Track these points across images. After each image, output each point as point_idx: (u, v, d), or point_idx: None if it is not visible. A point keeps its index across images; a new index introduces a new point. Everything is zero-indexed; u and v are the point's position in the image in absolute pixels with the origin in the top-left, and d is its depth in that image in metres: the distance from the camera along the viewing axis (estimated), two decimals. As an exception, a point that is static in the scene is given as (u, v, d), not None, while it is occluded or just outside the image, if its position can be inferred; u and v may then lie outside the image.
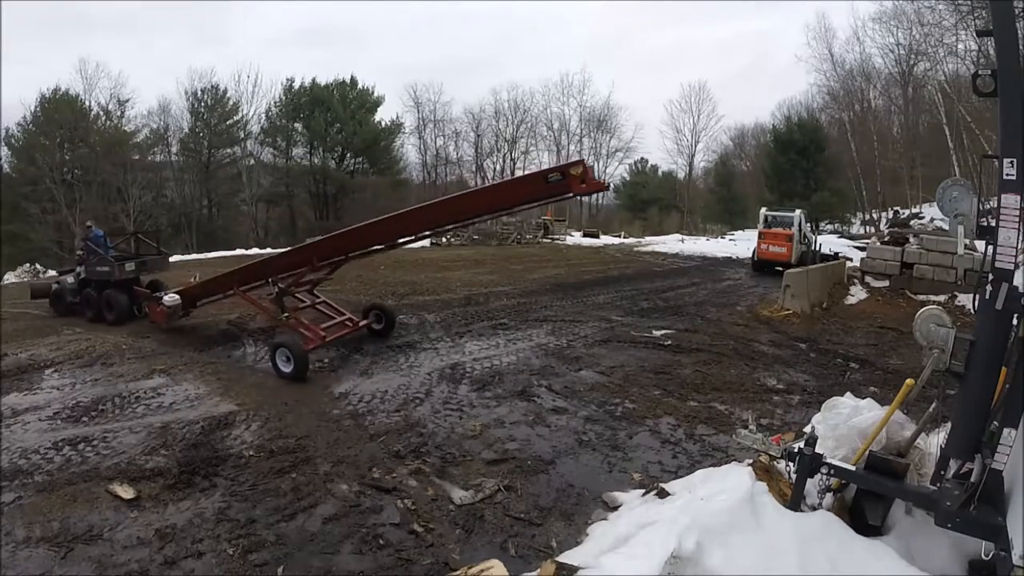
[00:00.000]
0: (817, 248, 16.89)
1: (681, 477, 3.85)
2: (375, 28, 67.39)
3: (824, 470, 3.09)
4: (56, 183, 33.74)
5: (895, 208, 29.87)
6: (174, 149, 39.90)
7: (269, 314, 7.48)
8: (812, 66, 37.77)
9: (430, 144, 46.12)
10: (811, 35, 37.65)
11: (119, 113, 37.75)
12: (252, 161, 40.65)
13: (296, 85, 41.42)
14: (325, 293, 8.57)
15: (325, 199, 41.88)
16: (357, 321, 7.82)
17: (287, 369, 6.34)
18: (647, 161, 49.63)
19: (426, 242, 26.43)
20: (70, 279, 9.94)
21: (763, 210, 17.33)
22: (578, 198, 47.84)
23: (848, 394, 4.14)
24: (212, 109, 39.45)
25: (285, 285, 7.20)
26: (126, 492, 3.96)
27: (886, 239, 12.44)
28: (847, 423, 3.51)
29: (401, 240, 7.15)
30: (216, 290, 8.22)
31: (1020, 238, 2.52)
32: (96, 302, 9.27)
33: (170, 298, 8.28)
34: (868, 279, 11.58)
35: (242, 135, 40.63)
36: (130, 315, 9.13)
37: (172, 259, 12.90)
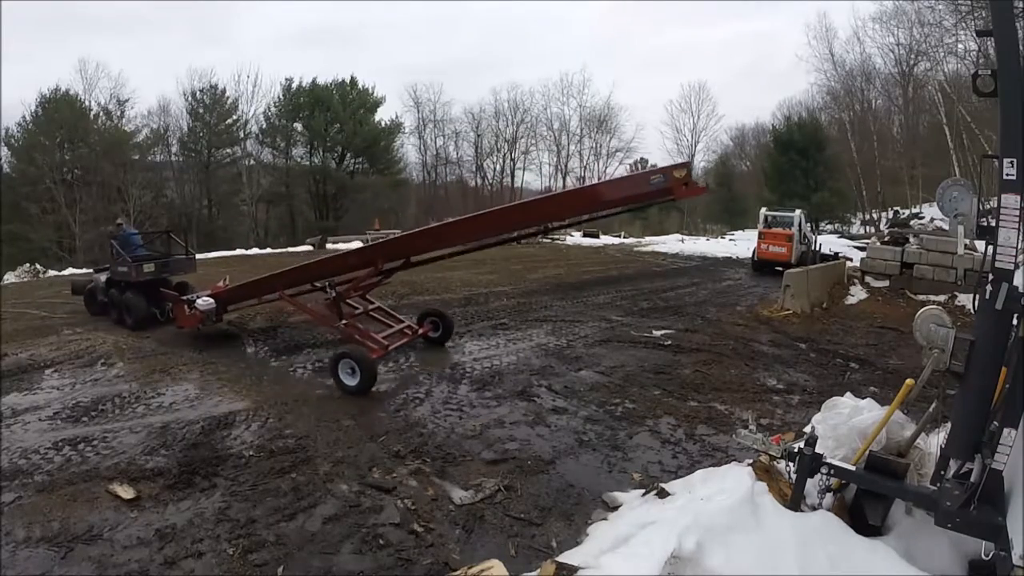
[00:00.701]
0: (817, 248, 16.89)
1: (681, 477, 3.84)
2: (375, 28, 67.48)
3: (824, 470, 3.09)
4: (56, 183, 33.75)
5: (895, 208, 29.89)
6: (174, 149, 39.92)
7: (322, 321, 7.04)
8: (813, 66, 37.92)
9: (430, 144, 46.18)
10: (812, 34, 37.69)
11: (119, 113, 37.77)
12: (252, 161, 40.65)
13: (295, 85, 41.44)
14: (323, 295, 8.56)
15: (325, 199, 41.88)
16: (416, 328, 7.34)
17: (351, 382, 5.82)
18: (647, 161, 49.61)
19: (426, 242, 26.48)
20: (102, 278, 9.68)
21: (763, 210, 17.33)
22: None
23: (848, 394, 4.14)
24: (211, 109, 39.45)
25: (343, 289, 6.70)
26: (126, 492, 3.96)
27: (886, 239, 12.44)
28: (847, 423, 3.51)
29: (484, 243, 6.76)
30: (254, 293, 7.71)
31: (1020, 238, 2.52)
32: (118, 303, 8.98)
33: (204, 301, 7.69)
34: (868, 279, 11.58)
35: (241, 135, 40.65)
36: (149, 319, 8.65)
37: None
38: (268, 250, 24.09)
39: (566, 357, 7.27)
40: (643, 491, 3.85)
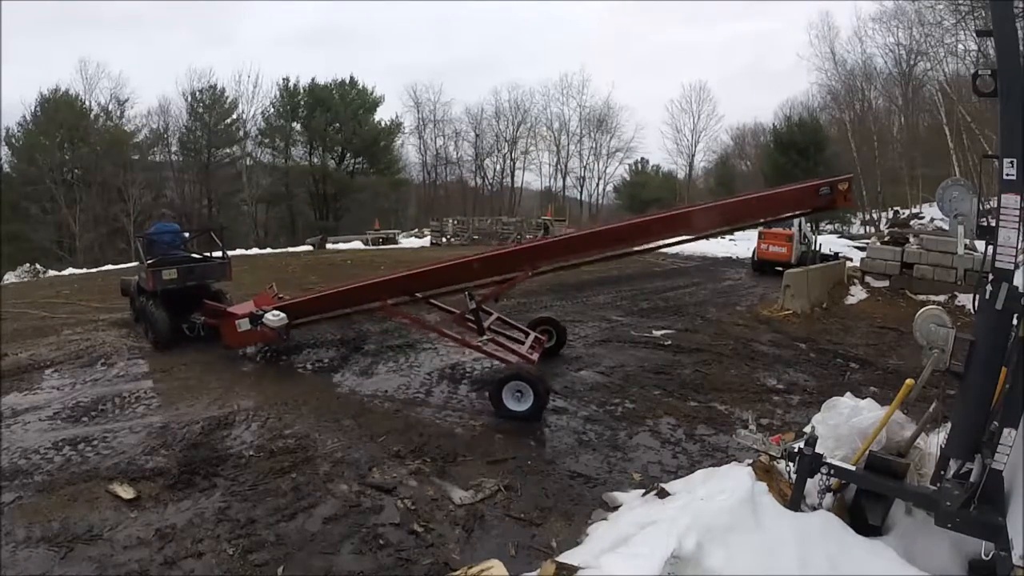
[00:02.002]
0: (817, 248, 16.88)
1: (681, 477, 3.84)
2: (376, 29, 67.60)
3: (824, 470, 3.08)
4: (56, 183, 33.78)
5: (895, 208, 29.87)
6: (174, 149, 39.95)
7: (448, 336, 6.26)
8: (814, 65, 37.85)
9: (430, 144, 46.18)
10: (814, 33, 37.68)
11: (119, 113, 37.80)
12: (251, 161, 40.67)
13: (293, 85, 41.46)
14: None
15: (325, 199, 41.92)
16: (543, 339, 6.84)
17: (519, 407, 5.23)
18: (647, 161, 49.67)
19: (426, 241, 26.52)
20: (136, 280, 8.57)
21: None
22: (579, 199, 47.61)
23: (848, 394, 4.13)
24: (211, 109, 39.46)
25: (482, 297, 6.00)
26: (126, 492, 3.96)
27: (886, 239, 12.44)
28: (847, 423, 3.51)
29: (647, 246, 6.36)
30: (339, 304, 6.63)
31: (1020, 238, 2.52)
32: (142, 315, 7.85)
33: (275, 316, 6.40)
34: (868, 279, 11.58)
35: (241, 135, 40.66)
36: (174, 336, 7.36)
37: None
38: (268, 250, 24.08)
39: (566, 357, 7.27)
40: (643, 491, 3.85)
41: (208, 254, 8.44)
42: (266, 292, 7.33)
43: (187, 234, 8.74)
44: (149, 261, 7.60)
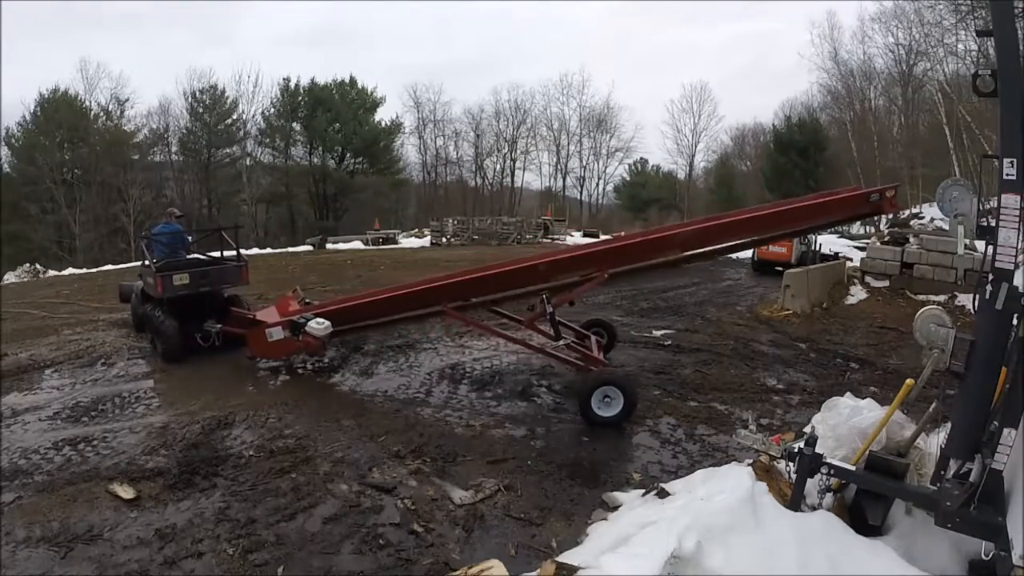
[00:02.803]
0: (817, 248, 16.87)
1: (681, 477, 3.85)
2: (376, 29, 67.54)
3: (824, 470, 3.08)
4: (56, 183, 33.79)
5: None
6: (174, 149, 39.96)
7: (517, 342, 6.04)
8: (815, 64, 37.82)
9: (430, 144, 46.17)
10: (816, 32, 37.70)
11: (119, 113, 37.81)
12: (251, 161, 40.67)
13: (293, 85, 41.47)
14: (324, 294, 8.51)
15: (325, 199, 41.91)
16: (602, 340, 6.66)
17: (608, 413, 5.10)
18: (647, 161, 49.66)
19: (426, 241, 26.51)
20: (140, 285, 7.79)
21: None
22: (579, 199, 47.61)
23: (848, 394, 4.13)
24: (211, 109, 39.47)
25: (557, 301, 5.68)
26: (126, 492, 3.96)
27: (886, 239, 12.42)
28: (847, 423, 3.51)
29: (711, 249, 6.20)
30: (391, 309, 6.13)
31: (1020, 238, 2.52)
32: (148, 324, 7.16)
33: (320, 323, 5.78)
34: (868, 279, 11.57)
35: (241, 135, 40.67)
36: (185, 347, 6.76)
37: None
38: (268, 250, 24.06)
39: (566, 357, 7.26)
40: (643, 491, 3.85)
41: (217, 255, 7.67)
42: (290, 296, 6.92)
43: (190, 236, 8.18)
44: (155, 264, 6.99)
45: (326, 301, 6.81)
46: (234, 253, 7.62)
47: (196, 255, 7.66)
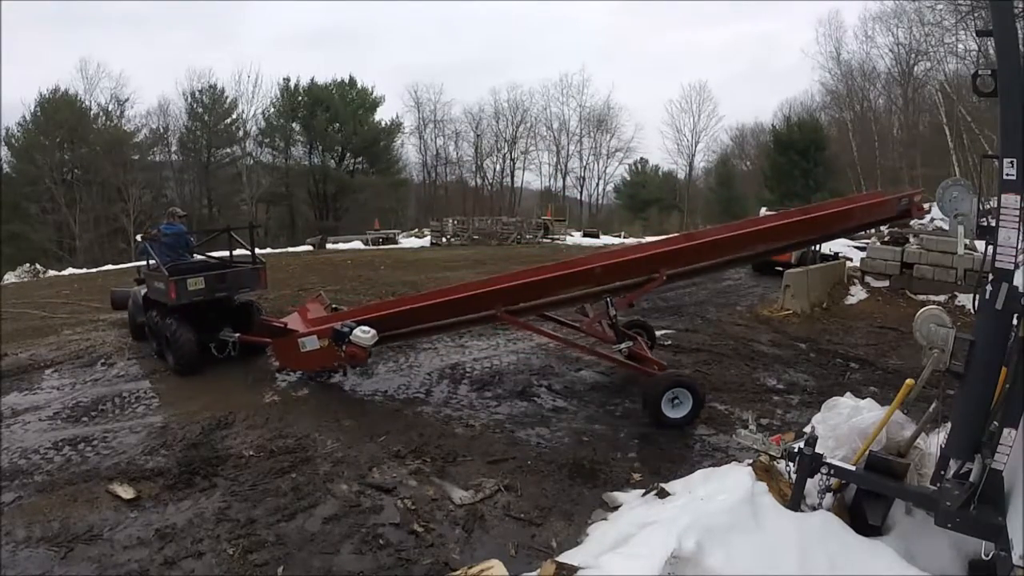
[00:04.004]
0: (817, 248, 16.86)
1: (681, 477, 3.84)
2: (376, 29, 67.58)
3: (824, 470, 3.08)
4: (56, 183, 33.83)
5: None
6: (174, 149, 39.99)
7: (576, 347, 6.08)
8: (817, 63, 37.80)
9: (430, 144, 46.16)
10: (822, 31, 37.69)
11: (119, 113, 37.83)
12: (251, 161, 40.69)
13: (293, 85, 41.47)
14: (329, 294, 8.49)
15: (325, 199, 41.91)
16: (646, 343, 6.57)
17: (677, 414, 5.09)
18: (647, 161, 49.66)
19: (426, 241, 26.51)
20: (143, 291, 7.24)
21: (763, 210, 17.33)
22: (579, 199, 47.59)
23: (848, 394, 4.13)
24: (210, 109, 39.49)
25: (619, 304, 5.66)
26: (126, 492, 3.96)
27: (886, 239, 12.41)
28: (847, 423, 3.51)
29: (756, 252, 6.36)
30: (441, 314, 5.77)
31: (1020, 238, 2.52)
32: (157, 332, 6.65)
33: (365, 332, 5.30)
34: (868, 279, 11.56)
35: (241, 135, 40.69)
36: (200, 359, 6.33)
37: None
38: (268, 250, 24.06)
39: (566, 357, 7.26)
40: (643, 491, 3.85)
41: (221, 257, 7.24)
42: (314, 301, 6.58)
43: (193, 236, 7.66)
44: (162, 268, 6.49)
45: (359, 307, 6.54)
46: (243, 255, 7.20)
47: (200, 257, 7.20)
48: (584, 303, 6.08)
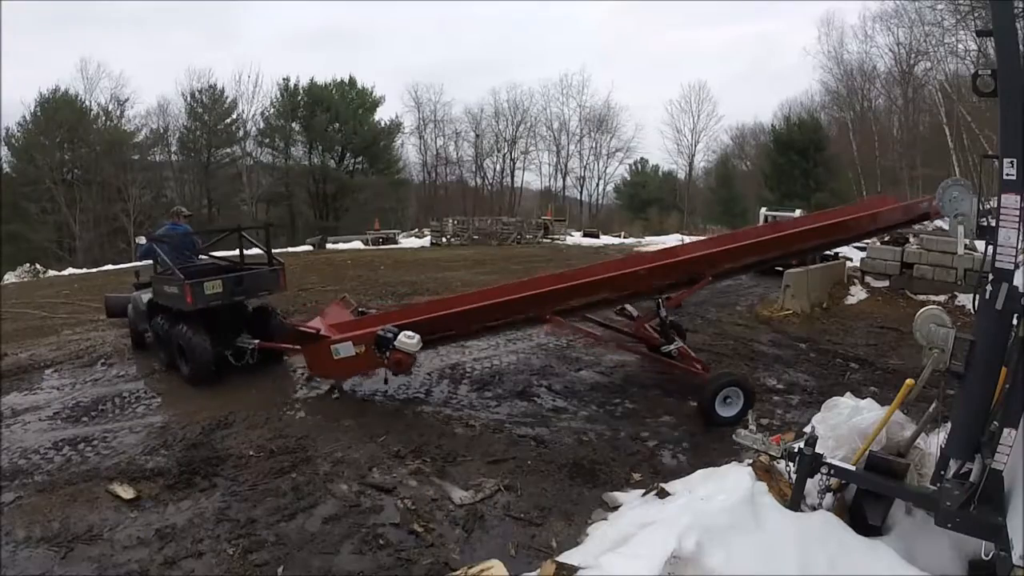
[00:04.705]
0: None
1: (681, 477, 3.84)
2: (376, 29, 67.66)
3: (824, 470, 3.08)
4: (56, 183, 33.86)
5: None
6: (174, 149, 40.02)
7: (628, 349, 6.19)
8: (818, 63, 37.77)
9: (430, 144, 46.19)
10: (824, 31, 37.72)
11: (118, 113, 37.85)
12: (251, 161, 40.71)
13: (293, 85, 41.48)
14: (325, 296, 8.46)
15: (325, 199, 41.93)
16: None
17: (729, 413, 5.16)
18: (647, 161, 49.68)
19: (426, 241, 26.52)
20: (144, 296, 6.72)
21: (763, 210, 17.32)
22: (579, 199, 47.63)
23: (848, 394, 4.13)
24: (210, 109, 39.50)
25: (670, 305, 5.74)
26: (126, 492, 3.96)
27: (886, 239, 12.41)
28: (847, 423, 3.51)
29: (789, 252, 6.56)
30: (486, 317, 5.61)
31: (1020, 238, 2.52)
32: (167, 340, 6.21)
33: (411, 338, 5.06)
34: (868, 279, 11.56)
35: (241, 135, 40.71)
36: (214, 368, 5.98)
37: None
38: (274, 250, 24.05)
39: (566, 357, 7.26)
40: (643, 491, 3.85)
41: (224, 259, 6.96)
42: (338, 303, 6.35)
43: (198, 237, 7.36)
44: (162, 269, 6.16)
45: (392, 310, 6.25)
46: (252, 256, 6.88)
47: (204, 258, 6.94)
48: (627, 304, 6.17)
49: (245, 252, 6.81)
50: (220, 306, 6.00)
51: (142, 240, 7.50)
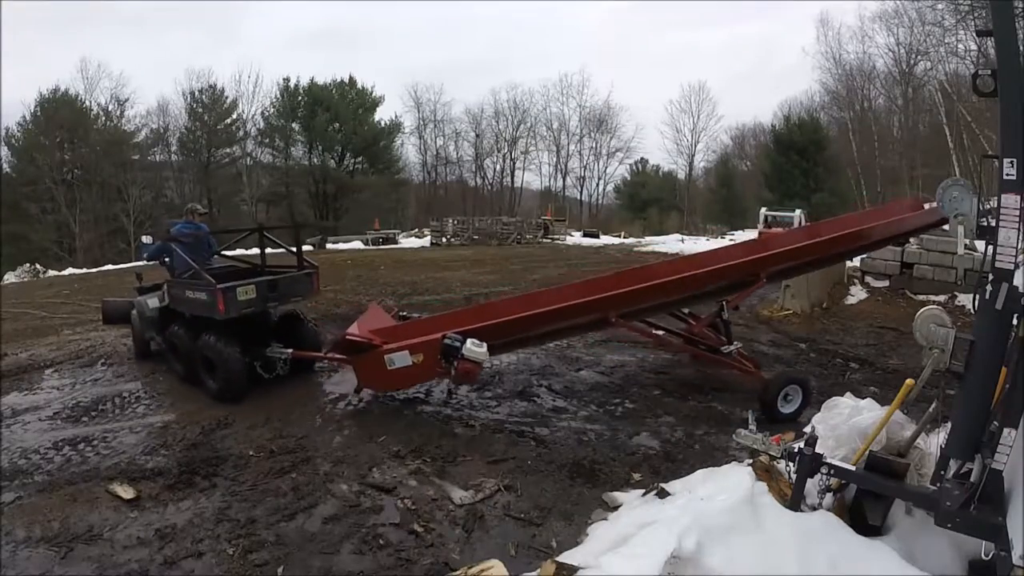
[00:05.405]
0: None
1: (681, 477, 3.84)
2: (376, 29, 67.73)
3: (824, 470, 3.08)
4: (56, 183, 33.87)
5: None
6: (173, 149, 40.05)
7: (683, 349, 6.40)
8: (817, 63, 37.81)
9: (430, 144, 46.24)
10: (823, 30, 37.74)
11: (118, 113, 37.88)
12: (251, 161, 40.73)
13: (293, 85, 41.50)
14: (326, 295, 8.44)
15: (325, 199, 41.94)
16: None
17: (789, 409, 5.28)
18: (647, 161, 49.71)
19: (426, 241, 26.53)
20: (152, 302, 6.26)
21: (763, 210, 17.36)
22: (579, 199, 47.60)
23: (848, 394, 4.13)
24: (210, 109, 39.52)
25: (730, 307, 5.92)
26: (126, 492, 3.96)
27: (886, 239, 12.40)
28: (847, 423, 3.50)
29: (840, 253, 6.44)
30: (551, 321, 5.46)
31: (1020, 238, 2.52)
32: (188, 352, 5.73)
33: (478, 346, 4.83)
34: (868, 279, 11.56)
35: (241, 135, 40.72)
36: (247, 381, 5.55)
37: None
38: (268, 250, 24.07)
39: (566, 357, 7.26)
40: (643, 491, 3.84)
41: (250, 260, 6.58)
42: (376, 308, 6.08)
43: (213, 236, 6.85)
44: (181, 272, 5.74)
45: (441, 314, 5.99)
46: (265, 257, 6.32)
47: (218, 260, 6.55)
48: (684, 307, 6.35)
49: (246, 252, 6.71)
50: (252, 313, 5.58)
51: (147, 239, 6.91)
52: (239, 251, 6.90)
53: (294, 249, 6.38)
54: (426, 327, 5.42)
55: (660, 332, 6.38)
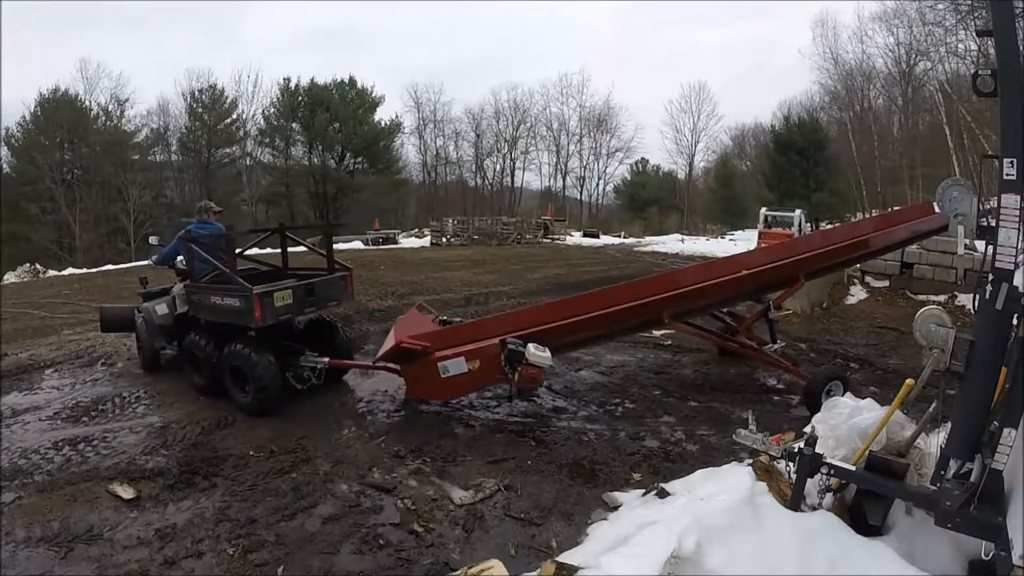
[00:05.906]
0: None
1: (681, 477, 3.84)
2: (376, 30, 67.79)
3: (824, 470, 3.08)
4: (56, 183, 33.87)
5: (895, 208, 29.82)
6: (173, 149, 40.05)
7: (731, 350, 6.60)
8: (815, 64, 37.78)
9: (430, 144, 46.26)
10: (819, 31, 37.79)
11: (119, 113, 37.88)
12: (251, 161, 40.73)
13: (293, 85, 41.50)
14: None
15: (325, 199, 41.92)
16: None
17: None
18: (647, 161, 49.72)
19: (426, 241, 26.53)
20: (161, 308, 6.00)
21: (763, 210, 17.36)
22: (579, 199, 47.57)
23: (848, 394, 4.13)
24: (210, 109, 39.52)
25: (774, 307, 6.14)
26: (126, 492, 3.96)
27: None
28: (847, 423, 3.51)
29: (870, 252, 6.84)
30: (606, 325, 5.42)
31: (1020, 238, 2.52)
32: (211, 362, 5.36)
33: (541, 351, 4.70)
34: (868, 279, 11.56)
35: (241, 135, 40.73)
36: (282, 392, 5.21)
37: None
38: (268, 250, 24.07)
39: (566, 357, 7.26)
40: (643, 491, 3.85)
41: (251, 261, 6.22)
42: (416, 311, 5.88)
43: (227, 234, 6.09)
44: (202, 275, 5.38)
45: (486, 318, 5.86)
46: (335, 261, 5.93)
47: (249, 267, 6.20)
48: (726, 307, 6.60)
49: (252, 253, 6.51)
50: (288, 320, 5.23)
51: (154, 240, 6.52)
52: (236, 250, 6.74)
53: (323, 251, 6.06)
54: (471, 331, 5.21)
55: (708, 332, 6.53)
